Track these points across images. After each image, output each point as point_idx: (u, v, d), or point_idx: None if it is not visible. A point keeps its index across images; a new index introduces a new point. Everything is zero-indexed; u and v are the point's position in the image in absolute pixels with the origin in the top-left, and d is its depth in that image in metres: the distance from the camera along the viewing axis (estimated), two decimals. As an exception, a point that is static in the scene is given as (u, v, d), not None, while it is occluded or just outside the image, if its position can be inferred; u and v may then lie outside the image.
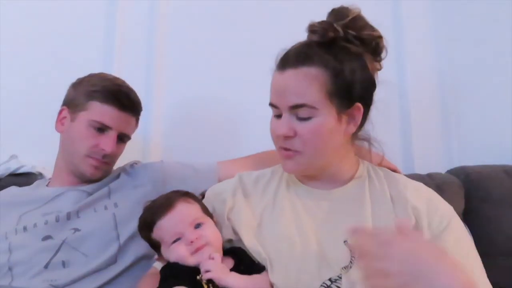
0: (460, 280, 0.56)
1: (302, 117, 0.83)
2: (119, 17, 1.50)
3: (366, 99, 0.88)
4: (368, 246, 0.61)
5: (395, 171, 1.00)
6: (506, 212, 1.22)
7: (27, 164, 1.32)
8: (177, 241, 0.82)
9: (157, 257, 0.89)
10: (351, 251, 0.79)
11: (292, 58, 0.85)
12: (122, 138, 1.12)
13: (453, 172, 1.34)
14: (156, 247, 0.87)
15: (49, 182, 1.16)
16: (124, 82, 1.15)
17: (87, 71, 1.16)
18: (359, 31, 0.86)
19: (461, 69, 1.52)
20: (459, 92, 1.51)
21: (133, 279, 0.96)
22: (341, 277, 0.77)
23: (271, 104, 0.88)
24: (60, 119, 1.13)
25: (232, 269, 0.81)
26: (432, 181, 1.24)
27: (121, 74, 1.21)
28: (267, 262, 0.82)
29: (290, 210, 0.88)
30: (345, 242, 0.81)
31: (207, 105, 1.50)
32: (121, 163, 1.19)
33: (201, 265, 0.79)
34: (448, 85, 1.52)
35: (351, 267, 0.78)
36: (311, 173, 0.91)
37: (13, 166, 1.30)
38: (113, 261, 0.98)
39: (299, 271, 0.79)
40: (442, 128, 1.50)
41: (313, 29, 0.86)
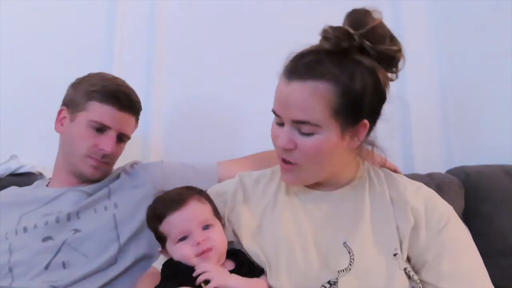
0: None
1: (304, 132, 0.80)
2: (119, 17, 1.50)
3: (373, 115, 0.84)
4: None
5: (395, 171, 1.00)
6: (506, 212, 1.22)
7: (27, 164, 1.32)
8: (183, 239, 0.81)
9: (161, 250, 0.88)
10: (350, 253, 0.79)
11: (300, 69, 0.80)
12: (121, 138, 1.12)
13: (453, 172, 1.34)
14: (161, 239, 0.85)
15: (49, 182, 1.16)
16: (123, 82, 1.15)
17: (87, 71, 1.16)
18: (377, 44, 0.79)
19: (461, 69, 1.52)
20: (459, 92, 1.51)
21: (133, 280, 0.95)
22: (338, 279, 0.77)
23: (274, 111, 0.84)
24: (59, 119, 1.13)
25: (232, 271, 0.80)
26: (432, 181, 1.24)
27: (121, 74, 1.21)
28: (265, 265, 0.81)
29: (290, 212, 0.88)
30: (344, 244, 0.81)
31: (207, 105, 1.50)
32: (121, 163, 1.19)
33: (198, 269, 0.78)
34: (448, 85, 1.52)
35: (350, 269, 0.78)
36: (311, 183, 0.90)
37: (13, 166, 1.30)
38: (113, 261, 0.98)
39: (299, 274, 0.79)
40: (442, 128, 1.50)
41: (326, 36, 0.80)
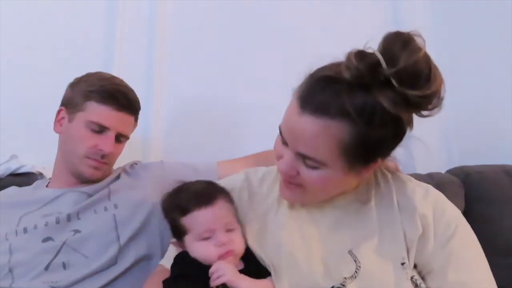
0: None
1: (308, 165, 0.75)
2: (119, 17, 1.50)
3: (388, 153, 0.78)
4: None
5: (396, 169, 0.98)
6: (506, 212, 1.23)
7: (27, 164, 1.32)
8: (207, 239, 0.79)
9: (174, 242, 0.85)
10: (356, 261, 0.77)
11: (314, 102, 0.71)
12: (120, 138, 1.11)
13: (453, 172, 1.34)
14: (179, 231, 0.83)
15: (48, 182, 1.16)
16: (121, 81, 1.15)
17: (87, 71, 1.16)
18: (407, 87, 0.66)
19: (461, 69, 1.52)
20: (459, 92, 1.51)
21: (133, 280, 0.96)
22: (344, 285, 0.75)
23: (280, 130, 0.78)
24: (58, 120, 1.13)
25: (242, 271, 0.79)
26: (432, 181, 1.24)
27: (121, 74, 1.21)
28: (270, 268, 0.80)
29: (294, 218, 0.85)
30: (350, 252, 0.79)
31: (207, 105, 1.50)
32: (121, 163, 1.19)
33: (214, 269, 0.76)
34: (448, 85, 1.52)
35: (356, 277, 0.75)
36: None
37: (13, 166, 1.30)
38: (114, 262, 0.98)
39: (300, 281, 0.77)
40: (442, 128, 1.50)
41: (348, 66, 0.69)
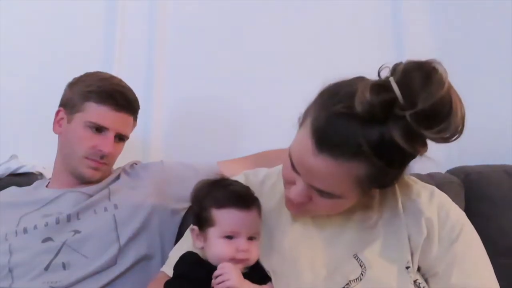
0: None
1: (323, 195, 0.73)
2: (119, 17, 1.50)
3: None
4: None
5: None
6: (506, 212, 1.22)
7: (27, 164, 1.32)
8: (229, 239, 0.78)
9: (194, 229, 0.83)
10: (361, 266, 0.76)
11: (330, 143, 0.67)
12: (120, 138, 1.11)
13: (453, 172, 1.34)
14: (204, 222, 0.81)
15: (48, 183, 1.16)
16: (120, 81, 1.14)
17: (87, 71, 1.16)
18: (424, 127, 0.62)
19: (461, 68, 1.52)
20: (459, 92, 1.50)
21: (133, 281, 0.96)
22: (348, 285, 0.74)
23: (290, 159, 0.74)
24: (57, 121, 1.13)
25: (244, 275, 0.77)
26: (432, 181, 1.23)
27: (121, 74, 1.21)
28: (271, 273, 0.79)
29: (298, 222, 0.84)
30: (355, 256, 0.78)
31: (207, 105, 1.50)
32: (121, 163, 1.19)
33: (219, 272, 0.74)
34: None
35: (361, 280, 0.75)
36: None
37: (13, 166, 1.30)
38: (113, 262, 0.98)
39: (302, 286, 0.76)
40: (442, 128, 1.49)
41: (362, 100, 0.64)
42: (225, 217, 0.79)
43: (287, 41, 1.51)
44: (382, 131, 0.64)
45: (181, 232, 1.10)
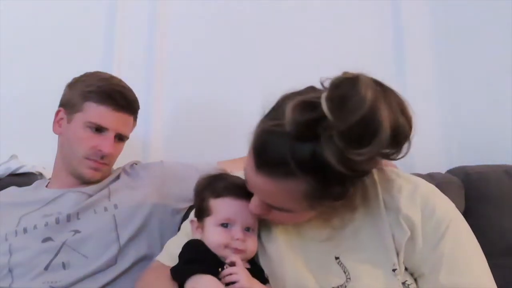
0: None
1: (275, 208, 0.73)
2: (119, 17, 1.50)
3: (356, 183, 0.73)
4: None
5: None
6: (506, 212, 1.22)
7: (27, 164, 1.32)
8: (224, 225, 0.79)
9: (194, 220, 0.84)
10: (345, 272, 0.74)
11: (265, 163, 0.67)
12: (120, 138, 1.11)
13: (453, 172, 1.34)
14: (203, 211, 0.82)
15: (48, 183, 1.16)
16: (120, 81, 1.14)
17: (87, 71, 1.15)
18: (355, 149, 0.60)
19: (461, 68, 1.52)
20: (459, 92, 1.51)
21: (133, 280, 0.95)
22: None
23: (245, 175, 0.74)
24: (57, 121, 1.13)
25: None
26: (432, 181, 1.23)
27: (121, 74, 1.21)
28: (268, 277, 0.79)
29: (281, 226, 0.82)
30: (337, 259, 0.76)
31: (207, 105, 1.50)
32: (121, 162, 1.19)
33: (228, 272, 0.74)
34: (448, 85, 1.52)
35: (345, 287, 0.72)
36: None
37: (13, 166, 1.30)
38: (113, 262, 0.98)
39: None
40: (442, 128, 1.50)
41: (288, 119, 0.62)
42: (221, 206, 0.81)
43: (287, 43, 1.51)
44: (314, 150, 0.61)
45: (181, 232, 1.10)
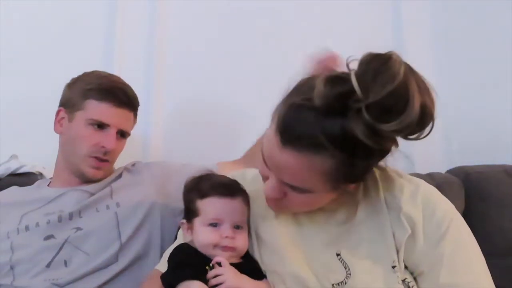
0: None
1: (295, 190, 0.73)
2: (119, 17, 1.50)
3: (372, 169, 0.77)
4: None
5: None
6: (506, 212, 1.22)
7: (27, 164, 1.32)
8: (213, 225, 0.79)
9: (183, 222, 0.84)
10: (346, 268, 0.74)
11: (292, 137, 0.68)
12: (121, 134, 1.12)
13: (453, 172, 1.34)
14: (191, 213, 0.82)
15: (50, 182, 1.16)
16: (119, 78, 1.15)
17: (87, 71, 1.16)
18: (382, 122, 0.61)
19: (461, 68, 1.52)
20: (459, 92, 1.51)
21: (134, 278, 0.96)
22: None
23: (262, 156, 0.74)
24: (58, 120, 1.13)
25: (237, 265, 0.78)
26: (432, 181, 1.24)
27: (121, 73, 1.21)
28: (266, 273, 0.79)
29: (282, 222, 0.83)
30: (338, 256, 0.76)
31: (208, 105, 1.51)
32: (122, 162, 1.19)
33: (213, 273, 0.74)
34: (448, 85, 1.52)
35: (346, 283, 0.73)
36: None
37: (13, 166, 1.30)
38: (115, 259, 0.98)
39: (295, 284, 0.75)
40: (442, 128, 1.50)
41: (318, 93, 0.64)
42: (208, 206, 0.81)
43: (287, 42, 1.51)
44: (343, 124, 0.63)
45: (180, 231, 1.10)
